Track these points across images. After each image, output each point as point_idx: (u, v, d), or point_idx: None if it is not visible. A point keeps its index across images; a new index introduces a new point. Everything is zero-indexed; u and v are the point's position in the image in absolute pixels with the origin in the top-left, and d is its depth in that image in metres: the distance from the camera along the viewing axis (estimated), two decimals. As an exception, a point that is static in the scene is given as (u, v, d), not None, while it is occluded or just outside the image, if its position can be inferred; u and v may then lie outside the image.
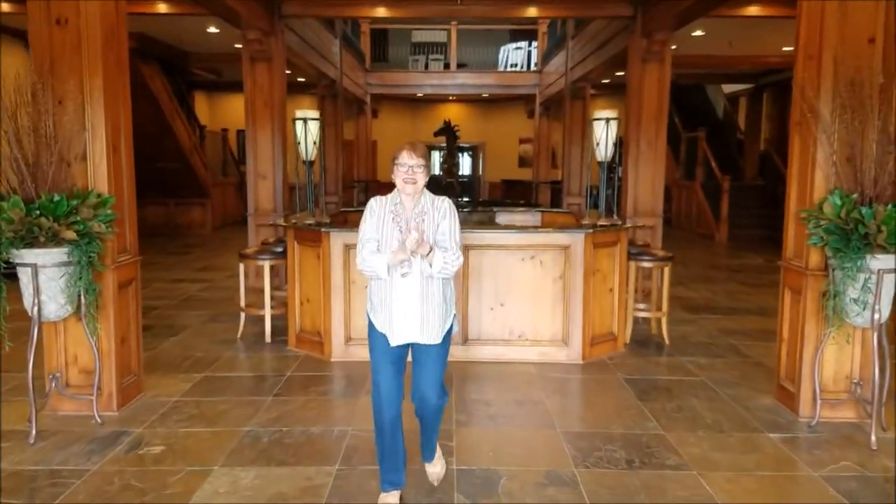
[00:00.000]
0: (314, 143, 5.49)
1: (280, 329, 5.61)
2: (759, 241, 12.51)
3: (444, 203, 2.92)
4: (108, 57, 3.88)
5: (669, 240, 7.36)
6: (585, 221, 5.56)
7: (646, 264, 5.58)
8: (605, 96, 16.39)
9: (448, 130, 13.80)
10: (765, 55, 12.34)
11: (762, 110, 15.59)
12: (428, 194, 2.93)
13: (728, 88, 17.03)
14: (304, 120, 5.43)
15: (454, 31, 16.35)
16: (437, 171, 16.37)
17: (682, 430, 3.82)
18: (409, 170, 2.81)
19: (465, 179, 20.02)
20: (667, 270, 5.56)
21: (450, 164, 14.11)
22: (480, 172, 21.39)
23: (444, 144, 14.06)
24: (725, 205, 12.76)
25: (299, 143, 5.46)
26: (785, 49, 11.65)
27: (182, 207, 13.54)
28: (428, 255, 2.75)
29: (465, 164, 20.97)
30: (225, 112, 17.66)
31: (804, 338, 4.00)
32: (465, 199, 16.26)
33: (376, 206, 2.91)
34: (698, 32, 10.13)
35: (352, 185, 16.05)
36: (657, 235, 7.46)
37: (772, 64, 12.91)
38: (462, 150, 20.02)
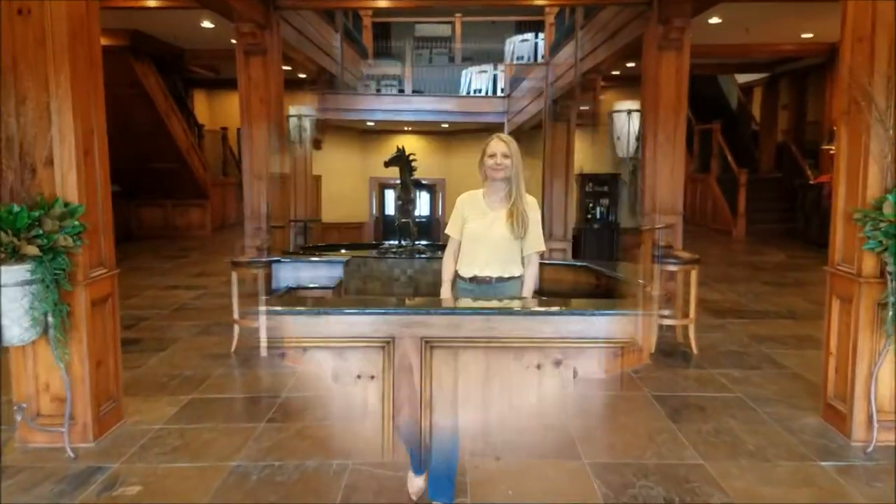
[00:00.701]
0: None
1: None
2: (777, 235, 12.02)
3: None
4: (76, 53, 3.47)
5: (685, 236, 6.95)
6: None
7: (671, 268, 5.16)
8: (615, 88, 15.89)
9: (403, 159, 12.82)
10: (781, 43, 11.87)
11: (778, 100, 15.08)
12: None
13: (741, 78, 16.50)
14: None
15: (458, 22, 15.92)
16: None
17: (723, 459, 3.41)
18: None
19: None
20: (694, 274, 5.13)
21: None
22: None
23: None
24: (743, 199, 12.23)
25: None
26: (804, 36, 11.19)
27: (180, 209, 13.12)
28: None
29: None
30: (224, 110, 17.17)
31: (857, 353, 3.57)
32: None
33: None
34: (714, 20, 9.65)
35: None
36: (677, 234, 6.98)
37: (788, 52, 12.42)
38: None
